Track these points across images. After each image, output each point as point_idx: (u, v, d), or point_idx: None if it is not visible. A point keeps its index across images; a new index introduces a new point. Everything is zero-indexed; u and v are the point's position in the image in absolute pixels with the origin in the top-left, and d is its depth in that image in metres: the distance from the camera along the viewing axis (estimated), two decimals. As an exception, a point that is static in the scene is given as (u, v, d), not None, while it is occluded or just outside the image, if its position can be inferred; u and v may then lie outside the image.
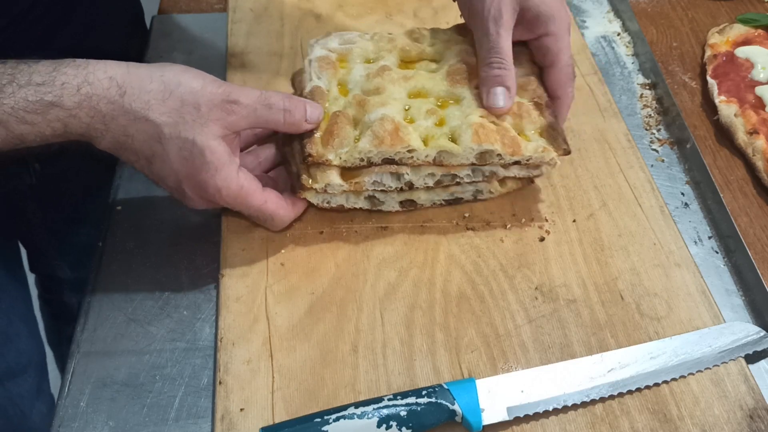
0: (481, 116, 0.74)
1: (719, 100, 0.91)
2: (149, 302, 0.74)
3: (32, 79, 0.62)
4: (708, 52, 0.97)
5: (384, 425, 0.60)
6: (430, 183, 0.75)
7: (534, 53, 0.80)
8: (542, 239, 0.77)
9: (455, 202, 0.79)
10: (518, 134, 0.75)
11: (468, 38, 0.82)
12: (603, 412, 0.64)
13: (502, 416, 0.63)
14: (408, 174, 0.74)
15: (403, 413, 0.61)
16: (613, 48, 1.05)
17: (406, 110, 0.75)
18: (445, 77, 0.78)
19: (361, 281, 0.73)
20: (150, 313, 0.73)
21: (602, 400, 0.65)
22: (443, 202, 0.79)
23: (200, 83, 0.66)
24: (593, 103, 0.92)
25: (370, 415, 0.60)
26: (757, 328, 0.70)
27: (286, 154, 0.76)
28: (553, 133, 0.74)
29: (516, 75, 0.76)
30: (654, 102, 0.95)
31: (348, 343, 0.68)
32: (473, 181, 0.76)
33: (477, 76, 0.77)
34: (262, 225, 0.76)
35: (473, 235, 0.77)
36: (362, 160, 0.72)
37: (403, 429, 0.61)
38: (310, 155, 0.71)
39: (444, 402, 0.62)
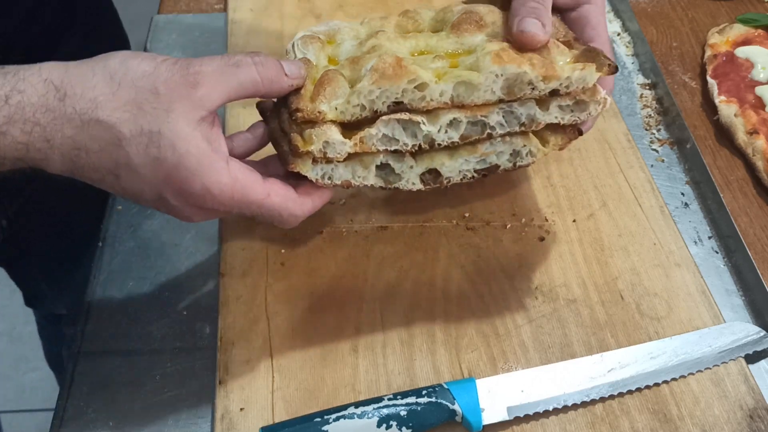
0: (499, 48, 0.61)
1: (719, 100, 0.91)
2: (149, 302, 0.74)
3: None
4: (708, 52, 0.97)
5: (384, 425, 0.60)
6: (455, 136, 0.62)
7: (571, 25, 0.69)
8: (542, 239, 0.77)
9: (490, 171, 0.65)
10: None
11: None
12: (603, 412, 0.64)
13: (502, 416, 0.63)
14: (425, 123, 0.61)
15: (403, 413, 0.61)
16: (613, 48, 1.05)
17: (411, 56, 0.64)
18: (449, 31, 0.65)
19: (361, 281, 0.73)
20: (150, 313, 0.73)
21: (602, 400, 0.65)
22: (474, 174, 0.65)
23: (151, 64, 0.55)
24: (593, 103, 0.92)
25: (370, 415, 0.60)
26: (757, 328, 0.70)
27: (274, 132, 0.63)
28: (591, 54, 0.62)
29: None
30: (654, 102, 0.95)
31: (348, 343, 0.68)
32: (508, 134, 0.63)
33: (487, 24, 0.65)
34: (271, 224, 0.64)
35: (473, 235, 0.77)
36: (363, 108, 0.60)
37: (403, 429, 0.61)
38: (297, 110, 0.59)
39: (444, 402, 0.62)
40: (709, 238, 0.80)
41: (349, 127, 0.60)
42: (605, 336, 0.69)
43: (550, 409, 0.64)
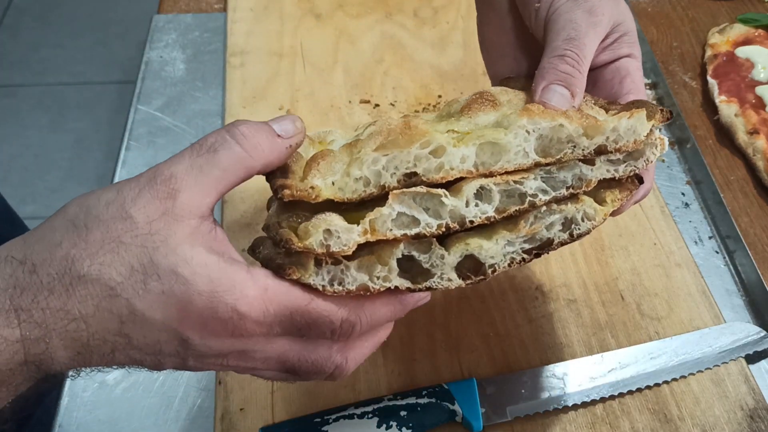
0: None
1: (719, 100, 0.91)
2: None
3: None
4: (708, 52, 0.97)
5: (384, 425, 0.60)
6: (489, 210, 0.49)
7: (605, 81, 0.60)
8: (542, 239, 0.77)
9: (543, 249, 0.51)
10: None
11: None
12: (603, 412, 0.64)
13: (502, 416, 0.63)
14: (447, 196, 0.48)
15: (403, 413, 0.61)
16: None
17: None
18: (459, 115, 0.53)
19: (361, 281, 0.73)
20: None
21: (602, 400, 0.65)
22: (525, 256, 0.51)
23: (113, 190, 0.45)
24: (593, 103, 0.92)
25: (370, 415, 0.60)
26: (758, 328, 0.70)
27: (265, 251, 0.50)
28: (636, 103, 0.53)
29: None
30: (654, 102, 0.95)
31: (348, 343, 0.68)
32: (554, 200, 0.50)
33: (502, 103, 0.54)
34: (322, 373, 0.49)
35: (473, 235, 0.77)
36: (367, 182, 0.48)
37: (403, 429, 0.61)
38: (283, 186, 0.47)
39: (444, 402, 0.62)
40: (710, 238, 0.80)
41: (352, 217, 0.48)
42: (605, 336, 0.69)
43: (550, 409, 0.63)
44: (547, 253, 0.52)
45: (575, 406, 0.64)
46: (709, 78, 0.94)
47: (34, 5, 2.81)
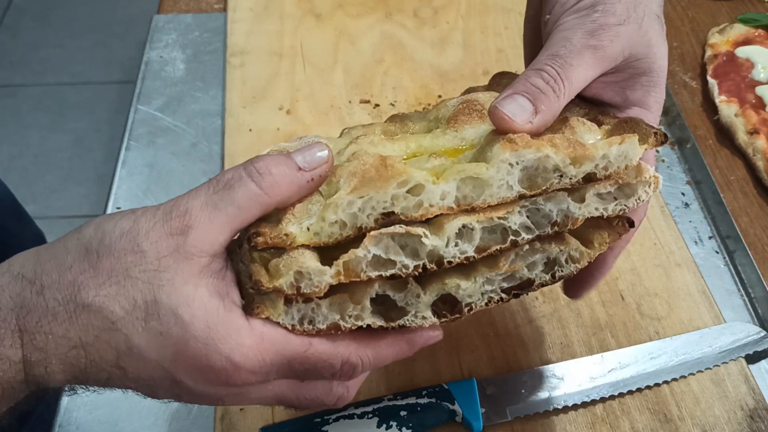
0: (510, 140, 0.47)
1: (719, 100, 0.91)
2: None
3: None
4: (708, 52, 0.97)
5: (384, 425, 0.60)
6: (469, 250, 0.46)
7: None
8: (542, 239, 0.77)
9: (523, 289, 0.49)
10: None
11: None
12: (603, 412, 0.64)
13: (502, 416, 0.63)
14: (427, 236, 0.45)
15: (403, 413, 0.61)
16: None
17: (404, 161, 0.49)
18: (446, 127, 0.52)
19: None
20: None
21: (603, 400, 0.65)
22: (503, 295, 0.49)
23: (130, 219, 0.45)
24: (593, 103, 0.92)
25: (370, 415, 0.60)
26: (758, 328, 0.70)
27: (238, 272, 0.48)
28: (630, 125, 0.50)
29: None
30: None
31: (348, 343, 0.68)
32: (537, 238, 0.48)
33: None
34: (322, 406, 0.50)
35: (473, 235, 0.77)
36: (344, 225, 0.45)
37: (403, 429, 0.61)
38: (257, 233, 0.45)
39: (444, 402, 0.62)
40: (710, 238, 0.80)
41: (328, 252, 0.46)
42: (605, 336, 0.69)
43: (550, 409, 0.63)
44: (527, 294, 0.50)
45: (575, 406, 0.64)
46: (709, 78, 0.94)
47: (34, 5, 2.81)
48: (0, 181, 1.00)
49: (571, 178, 0.47)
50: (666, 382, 0.66)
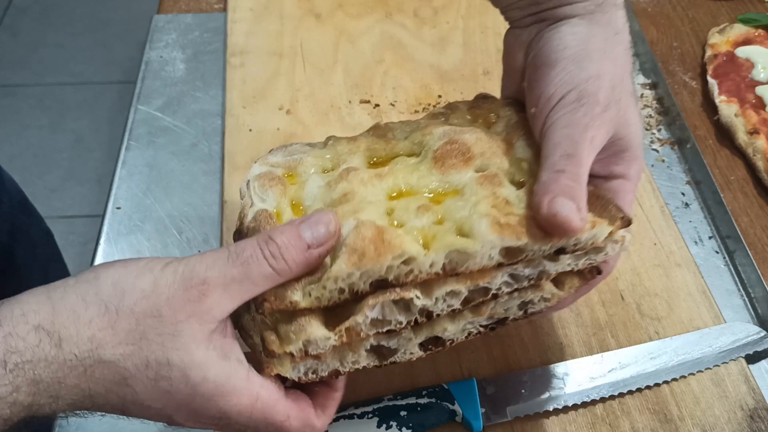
0: (492, 206, 0.52)
1: (720, 100, 0.91)
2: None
3: None
4: (708, 52, 0.97)
5: (384, 425, 0.60)
6: (455, 304, 0.53)
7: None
8: (542, 239, 0.77)
9: (499, 324, 0.56)
10: None
11: (456, 114, 0.63)
12: (603, 412, 0.64)
13: (502, 416, 0.63)
14: (419, 297, 0.51)
15: (403, 413, 0.61)
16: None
17: (389, 215, 0.54)
18: (432, 165, 0.56)
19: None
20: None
21: (602, 400, 0.65)
22: (480, 329, 0.56)
23: (149, 280, 0.48)
24: (593, 103, 0.92)
25: (370, 415, 0.60)
26: (758, 328, 0.70)
27: (242, 320, 0.54)
28: (600, 204, 0.54)
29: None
30: (654, 102, 0.95)
31: (348, 343, 0.68)
32: (516, 290, 0.54)
33: (475, 156, 0.56)
34: None
35: (473, 235, 0.77)
36: (342, 291, 0.50)
37: (403, 429, 0.61)
38: (264, 301, 0.50)
39: (444, 402, 0.62)
40: (710, 238, 0.80)
41: (329, 309, 0.52)
42: (605, 336, 0.69)
43: (550, 409, 0.63)
44: (502, 327, 0.56)
45: (575, 406, 0.64)
46: (709, 78, 0.94)
47: (34, 5, 2.81)
48: (11, 178, 1.01)
49: (543, 252, 0.52)
50: (666, 382, 0.66)
